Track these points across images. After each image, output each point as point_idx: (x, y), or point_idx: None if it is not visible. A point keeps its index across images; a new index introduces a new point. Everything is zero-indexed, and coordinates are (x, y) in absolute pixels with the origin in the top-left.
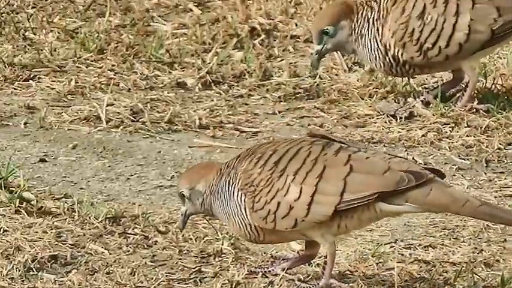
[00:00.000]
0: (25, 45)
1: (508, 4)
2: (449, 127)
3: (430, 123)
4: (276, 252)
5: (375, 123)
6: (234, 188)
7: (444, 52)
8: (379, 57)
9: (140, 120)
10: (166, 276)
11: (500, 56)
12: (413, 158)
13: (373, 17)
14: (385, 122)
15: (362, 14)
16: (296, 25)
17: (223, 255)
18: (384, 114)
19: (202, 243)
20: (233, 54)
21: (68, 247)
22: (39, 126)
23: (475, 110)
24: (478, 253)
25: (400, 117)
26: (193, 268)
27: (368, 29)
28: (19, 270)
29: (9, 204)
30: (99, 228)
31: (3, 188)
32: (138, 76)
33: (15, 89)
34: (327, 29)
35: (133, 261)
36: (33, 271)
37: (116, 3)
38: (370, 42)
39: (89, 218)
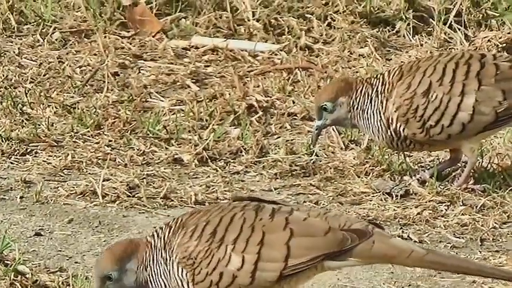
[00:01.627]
0: (22, 119)
1: None
2: (445, 205)
3: (426, 202)
4: None
5: (371, 200)
6: (172, 263)
7: (447, 131)
8: (381, 128)
9: (136, 195)
10: None
11: (496, 135)
12: (408, 236)
13: (377, 90)
14: (381, 200)
15: (361, 90)
16: (293, 103)
17: None
18: (379, 192)
19: None
20: (230, 131)
21: None
22: (35, 200)
23: (471, 189)
24: None
25: (396, 195)
26: None
27: (371, 102)
28: None
29: (4, 277)
30: None
31: None
32: (134, 152)
33: (11, 163)
34: (326, 104)
35: None
36: None
37: (114, 79)
38: (373, 114)
39: None
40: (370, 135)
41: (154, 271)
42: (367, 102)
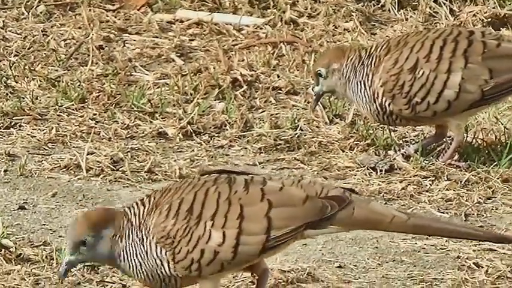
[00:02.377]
0: (7, 92)
1: (501, 67)
2: (429, 180)
3: (410, 177)
4: None
5: (355, 175)
6: (149, 244)
7: (432, 108)
8: (365, 100)
9: (120, 169)
10: None
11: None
12: None
13: (363, 63)
14: (365, 175)
15: (351, 59)
16: (278, 77)
17: None
18: (364, 167)
19: None
20: (214, 105)
21: None
22: (19, 173)
23: (455, 165)
24: None
25: (381, 170)
26: None
27: (355, 72)
28: None
29: None
30: (77, 276)
31: None
32: (119, 125)
33: None
34: (320, 70)
35: None
36: None
37: (98, 53)
38: (359, 84)
39: None
40: (357, 106)
41: (129, 249)
42: (353, 72)
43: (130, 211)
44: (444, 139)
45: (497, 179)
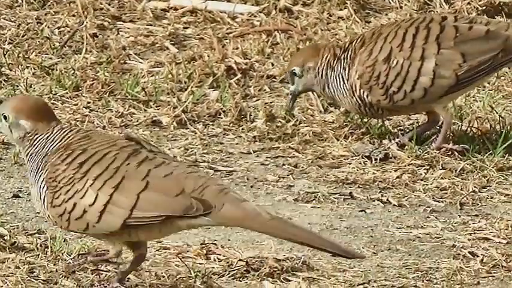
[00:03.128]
0: (1, 80)
1: (473, 50)
2: (424, 169)
3: (405, 165)
4: None
5: (350, 164)
6: (40, 176)
7: (409, 96)
8: (345, 93)
9: None
10: None
11: (476, 99)
12: (387, 200)
13: (339, 58)
14: (360, 163)
15: (326, 57)
16: (272, 65)
17: None
18: (359, 156)
19: (175, 281)
20: (209, 93)
21: (40, 283)
22: (14, 162)
23: (450, 151)
24: None
25: (375, 159)
26: None
27: (333, 69)
28: None
29: None
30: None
31: None
32: (113, 114)
33: None
34: (295, 69)
35: None
36: None
37: (93, 41)
38: (337, 78)
39: (62, 254)
40: (339, 102)
41: (29, 164)
42: (329, 69)
43: (56, 132)
44: (438, 126)
45: (492, 167)
